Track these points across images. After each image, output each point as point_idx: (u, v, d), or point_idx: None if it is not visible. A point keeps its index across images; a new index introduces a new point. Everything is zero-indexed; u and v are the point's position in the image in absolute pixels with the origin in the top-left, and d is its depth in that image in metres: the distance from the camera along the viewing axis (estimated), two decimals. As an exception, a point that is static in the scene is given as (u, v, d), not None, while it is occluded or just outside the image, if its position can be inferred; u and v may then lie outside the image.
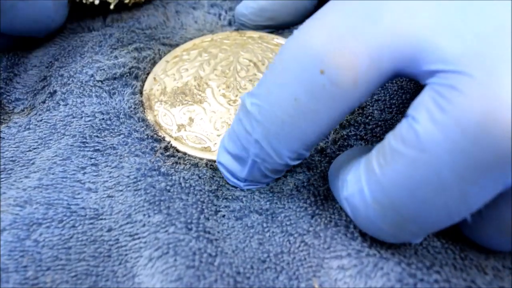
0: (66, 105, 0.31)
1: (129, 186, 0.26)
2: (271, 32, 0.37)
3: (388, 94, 0.31)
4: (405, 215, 0.20)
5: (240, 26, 0.38)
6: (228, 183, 0.27)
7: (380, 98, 0.31)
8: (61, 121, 0.31)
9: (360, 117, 0.30)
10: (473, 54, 0.18)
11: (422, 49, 0.19)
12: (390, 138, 0.20)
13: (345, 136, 0.29)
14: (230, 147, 0.25)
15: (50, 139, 0.30)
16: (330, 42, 0.20)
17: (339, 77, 0.20)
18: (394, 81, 0.31)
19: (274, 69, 0.22)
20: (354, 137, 0.29)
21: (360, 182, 0.21)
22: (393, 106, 0.30)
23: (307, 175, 0.27)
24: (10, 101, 0.33)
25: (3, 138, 0.30)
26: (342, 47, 0.20)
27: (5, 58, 0.36)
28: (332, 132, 0.29)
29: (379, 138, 0.29)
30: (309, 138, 0.22)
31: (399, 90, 0.31)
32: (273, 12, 0.36)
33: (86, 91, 0.32)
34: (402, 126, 0.20)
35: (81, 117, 0.30)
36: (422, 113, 0.19)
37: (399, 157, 0.19)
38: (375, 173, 0.20)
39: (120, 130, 0.30)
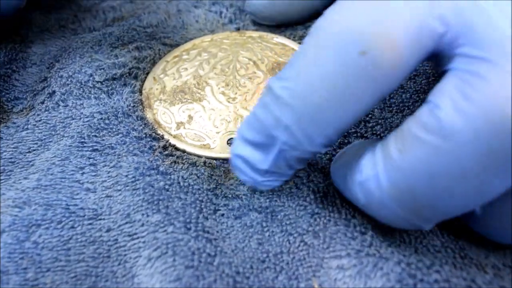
0: (66, 106, 0.31)
1: (127, 186, 0.26)
2: (272, 31, 0.37)
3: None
4: (422, 201, 0.20)
5: (249, 14, 0.38)
6: (226, 182, 0.27)
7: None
8: (61, 122, 0.31)
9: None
10: (503, 42, 0.18)
11: (459, 30, 0.19)
12: (410, 123, 0.20)
13: (345, 133, 0.29)
14: (251, 136, 0.23)
15: (50, 141, 0.30)
16: (372, 22, 0.19)
17: (381, 59, 0.19)
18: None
19: (308, 52, 0.21)
20: (355, 135, 0.29)
21: (376, 167, 0.21)
22: (393, 105, 0.30)
23: (307, 172, 0.27)
24: (9, 99, 0.33)
25: (2, 138, 0.30)
26: (385, 27, 0.19)
27: (2, 53, 0.35)
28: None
29: (379, 136, 0.29)
30: (344, 122, 0.21)
31: (399, 89, 0.30)
32: (283, 7, 0.36)
33: (86, 93, 0.32)
34: (423, 112, 0.19)
35: (80, 119, 0.30)
36: (446, 100, 0.19)
37: (420, 143, 0.19)
38: (393, 158, 0.20)
39: (119, 129, 0.30)
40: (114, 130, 0.30)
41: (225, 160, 0.29)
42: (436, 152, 0.19)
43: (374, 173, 0.21)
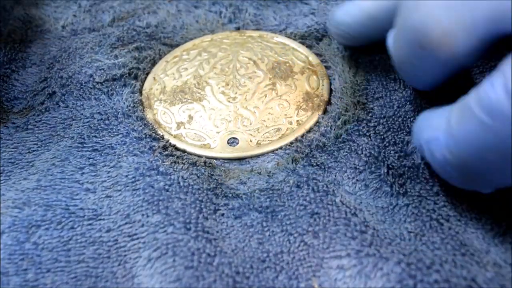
0: (66, 107, 0.31)
1: (127, 186, 0.26)
2: (273, 31, 0.37)
3: (388, 92, 0.30)
4: (474, 172, 0.21)
5: (338, 38, 0.32)
6: (227, 181, 0.27)
7: (381, 96, 0.30)
8: (61, 123, 0.31)
9: (362, 114, 0.30)
10: None
11: None
12: (472, 94, 0.20)
13: (347, 131, 0.29)
14: None
15: (50, 142, 0.30)
16: (426, 22, 0.21)
17: (436, 53, 0.22)
18: (394, 79, 0.31)
19: (394, 32, 0.25)
20: (357, 133, 0.29)
21: (439, 129, 0.22)
22: (394, 101, 0.30)
23: (307, 170, 0.27)
24: (8, 99, 0.33)
25: (1, 138, 0.30)
26: (437, 27, 0.21)
27: (1, 52, 0.35)
28: (333, 128, 0.29)
29: (381, 135, 0.28)
30: (428, 86, 0.26)
31: (400, 86, 0.30)
32: (382, 22, 0.29)
33: (86, 94, 0.32)
34: (483, 86, 0.20)
35: (80, 119, 0.31)
36: (499, 79, 0.19)
37: (473, 118, 0.20)
38: (452, 127, 0.21)
39: (119, 129, 0.30)
40: (114, 130, 0.30)
41: (226, 160, 0.29)
42: (486, 130, 0.19)
43: (436, 135, 0.22)
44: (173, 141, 0.29)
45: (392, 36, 0.26)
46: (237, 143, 0.29)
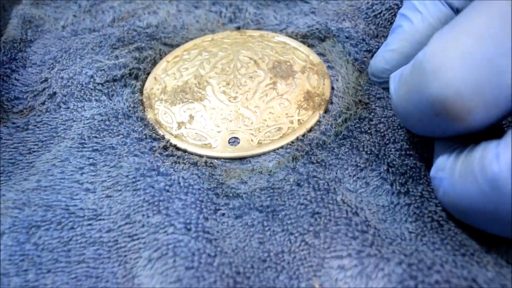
0: (67, 108, 0.32)
1: (127, 186, 0.26)
2: (274, 30, 0.37)
3: (389, 94, 0.30)
4: (466, 219, 0.22)
5: (381, 86, 0.30)
6: (228, 181, 0.27)
7: (382, 96, 0.30)
8: (62, 124, 0.31)
9: (364, 113, 0.29)
10: None
11: None
12: (477, 157, 0.20)
13: (348, 128, 0.29)
14: None
15: (51, 143, 0.30)
16: (446, 93, 0.20)
17: (452, 123, 0.21)
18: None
19: (404, 86, 0.23)
20: (358, 130, 0.29)
21: (443, 171, 0.23)
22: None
23: (308, 168, 0.27)
24: (9, 99, 0.33)
25: (1, 138, 0.30)
26: (457, 100, 0.20)
27: (1, 52, 0.35)
28: (334, 126, 0.29)
29: (382, 133, 0.28)
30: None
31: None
32: None
33: (86, 95, 0.32)
34: (490, 153, 0.19)
35: (81, 121, 0.31)
36: (506, 152, 0.19)
37: (475, 183, 0.20)
38: (455, 178, 0.21)
39: (119, 130, 0.30)
40: (114, 131, 0.29)
41: (227, 159, 0.29)
42: (485, 197, 0.20)
43: (440, 176, 0.23)
44: (174, 141, 0.29)
45: (398, 84, 0.24)
46: (238, 143, 0.29)
